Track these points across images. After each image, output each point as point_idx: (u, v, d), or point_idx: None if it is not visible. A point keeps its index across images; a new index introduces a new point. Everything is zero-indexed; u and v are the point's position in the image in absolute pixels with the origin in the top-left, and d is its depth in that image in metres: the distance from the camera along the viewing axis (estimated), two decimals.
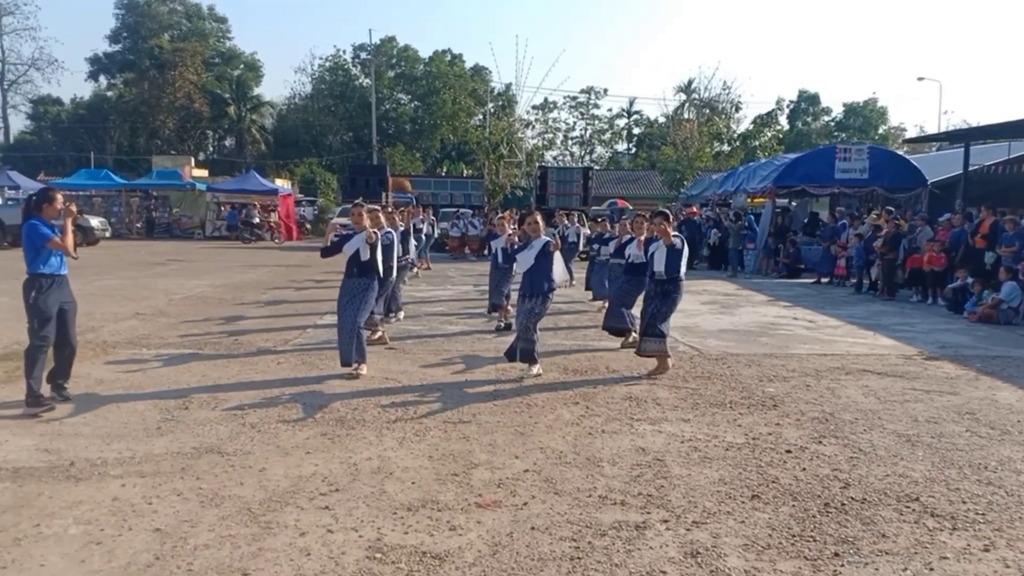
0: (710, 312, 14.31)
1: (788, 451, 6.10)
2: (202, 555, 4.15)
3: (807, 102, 73.21)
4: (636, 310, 9.87)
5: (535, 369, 8.54)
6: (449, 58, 67.65)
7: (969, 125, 41.37)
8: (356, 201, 9.32)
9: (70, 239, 7.00)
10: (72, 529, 4.46)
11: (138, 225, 37.24)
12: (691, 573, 4.03)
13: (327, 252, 8.69)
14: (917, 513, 4.86)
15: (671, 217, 8.98)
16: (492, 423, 6.74)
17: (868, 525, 4.66)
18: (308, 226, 43.01)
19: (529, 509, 4.84)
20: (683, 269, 8.60)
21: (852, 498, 5.09)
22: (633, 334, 10.15)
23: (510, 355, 8.59)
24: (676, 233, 8.73)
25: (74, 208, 7.31)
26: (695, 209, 28.64)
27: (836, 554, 4.26)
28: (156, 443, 6.04)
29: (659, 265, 8.57)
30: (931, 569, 4.12)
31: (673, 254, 8.52)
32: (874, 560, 4.21)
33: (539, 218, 8.91)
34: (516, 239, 10.63)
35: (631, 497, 5.06)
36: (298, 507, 4.81)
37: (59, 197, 7.06)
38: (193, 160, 49.26)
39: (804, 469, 5.68)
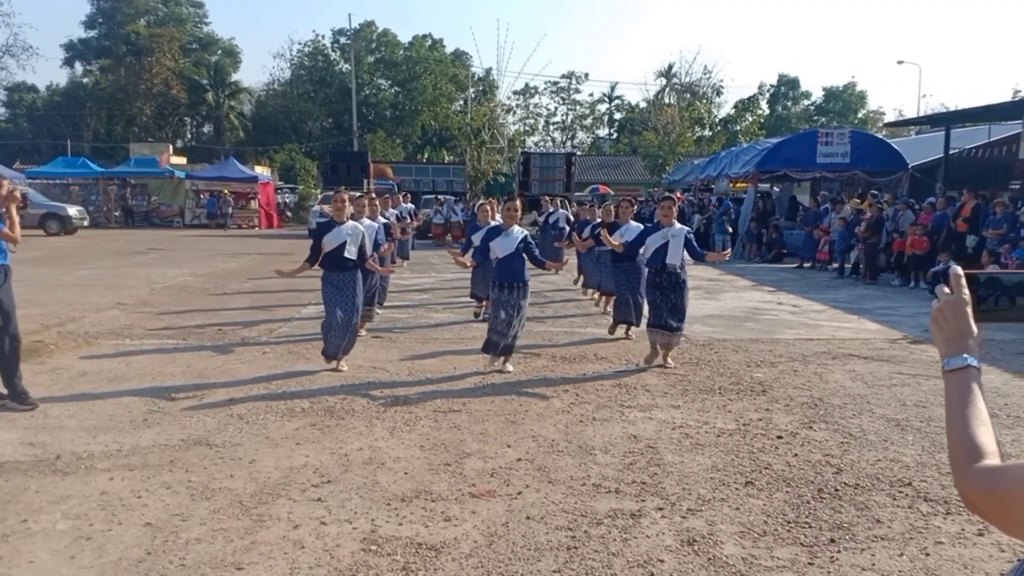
0: (695, 297, 14.22)
1: (779, 437, 6.11)
2: (194, 549, 4.09)
3: (787, 86, 73.43)
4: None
5: (510, 365, 8.31)
6: (429, 43, 67.30)
7: (947, 109, 41.63)
8: (338, 188, 8.89)
9: (17, 230, 6.56)
10: (60, 524, 4.39)
11: (116, 214, 36.84)
12: (688, 561, 4.02)
13: (312, 259, 8.29)
14: (910, 498, 4.88)
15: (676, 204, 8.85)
16: (482, 411, 6.71)
17: (862, 511, 4.67)
18: (289, 214, 42.71)
19: (524, 498, 4.82)
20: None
21: (845, 483, 5.10)
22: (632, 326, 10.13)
23: (491, 349, 8.24)
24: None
25: (18, 194, 6.78)
26: (679, 194, 28.63)
27: (832, 540, 4.27)
28: (143, 435, 5.97)
29: (675, 257, 8.30)
30: (927, 554, 4.13)
31: (689, 240, 8.43)
32: (870, 545, 4.22)
33: (518, 205, 8.60)
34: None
35: (625, 485, 5.05)
36: (290, 499, 4.77)
37: (3, 183, 6.57)
38: (171, 147, 48.78)
39: (796, 455, 5.68)
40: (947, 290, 1.51)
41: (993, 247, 13.97)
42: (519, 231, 8.28)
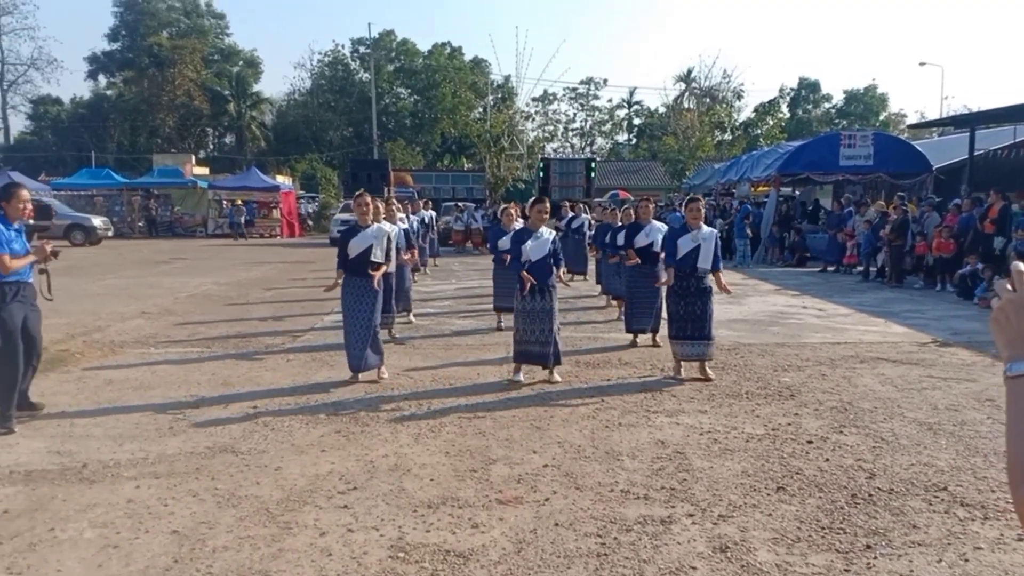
0: (719, 302, 14.04)
1: (809, 441, 6.02)
2: (221, 557, 4.07)
3: (808, 89, 72.93)
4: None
5: (557, 375, 8.07)
6: (448, 51, 67.44)
7: (969, 110, 41.23)
8: (360, 191, 8.55)
9: (18, 264, 6.21)
10: (88, 533, 4.38)
11: (140, 224, 37.13)
12: (721, 568, 3.95)
13: (341, 264, 8.01)
14: (946, 503, 4.78)
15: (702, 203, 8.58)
16: (507, 417, 6.66)
17: (898, 516, 4.58)
18: (310, 223, 42.88)
19: (551, 505, 4.76)
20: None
21: (879, 488, 5.01)
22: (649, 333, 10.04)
23: (525, 358, 7.94)
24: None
25: (48, 248, 6.53)
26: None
27: (868, 546, 4.18)
28: (169, 443, 5.97)
29: (706, 261, 8.04)
30: (966, 560, 4.04)
31: (718, 244, 8.20)
32: (907, 552, 4.13)
33: (548, 207, 8.36)
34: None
35: (654, 491, 4.98)
36: (316, 506, 4.74)
37: (22, 194, 6.35)
38: (194, 158, 49.13)
39: (827, 460, 5.59)
40: (1009, 287, 1.37)
41: (1021, 248, 13.75)
42: (549, 233, 8.10)
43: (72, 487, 5.08)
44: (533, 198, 8.97)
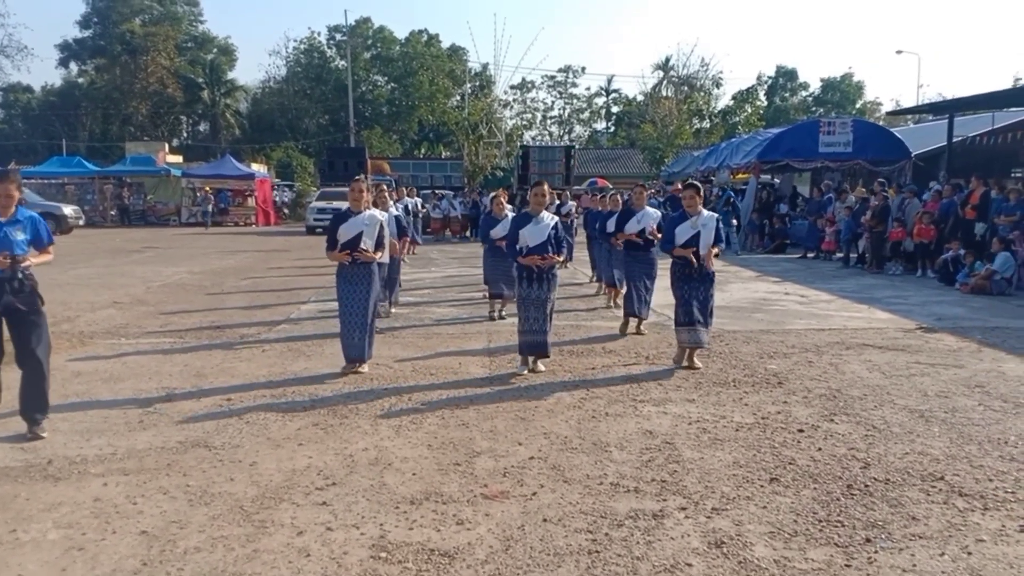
0: None
1: (800, 430, 5.88)
2: (193, 559, 3.86)
3: (785, 77, 73.10)
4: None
5: (542, 365, 7.85)
6: (425, 39, 66.93)
7: (943, 98, 41.37)
8: (357, 176, 8.26)
9: None
10: (52, 534, 4.15)
11: (112, 213, 36.54)
12: (718, 565, 3.79)
13: (331, 246, 7.66)
14: (944, 493, 4.65)
15: (702, 191, 8.18)
16: (490, 408, 6.48)
17: (896, 507, 4.44)
18: (286, 211, 42.41)
19: (539, 499, 4.58)
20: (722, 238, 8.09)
21: (875, 479, 4.87)
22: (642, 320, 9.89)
23: (531, 350, 7.69)
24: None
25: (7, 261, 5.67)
26: (679, 186, 28.36)
27: (867, 540, 4.04)
28: (139, 438, 5.73)
29: (707, 247, 7.76)
30: (968, 553, 3.90)
31: (718, 228, 7.88)
32: (908, 545, 3.98)
33: (546, 190, 8.01)
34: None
35: (644, 483, 4.82)
36: (294, 503, 4.53)
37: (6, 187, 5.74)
38: (167, 146, 48.43)
39: (820, 449, 5.45)
40: None
41: (1004, 234, 13.72)
42: (550, 218, 7.78)
43: (36, 485, 4.84)
44: (533, 183, 8.59)
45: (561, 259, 7.82)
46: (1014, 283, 13.13)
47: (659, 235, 9.48)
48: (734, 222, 22.79)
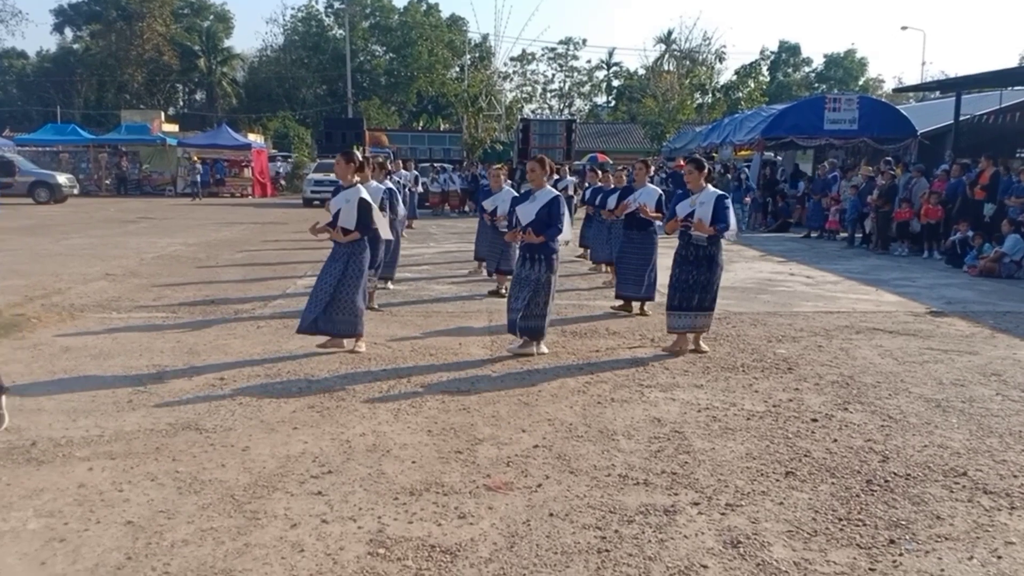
0: None
1: (814, 420, 5.67)
2: (180, 553, 3.64)
3: (788, 53, 72.55)
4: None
5: (538, 348, 7.47)
6: (425, 8, 66.16)
7: (946, 76, 40.98)
8: (347, 150, 7.90)
9: None
10: (32, 523, 3.93)
11: (107, 182, 36.15)
12: (735, 567, 3.58)
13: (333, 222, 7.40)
14: (968, 490, 4.44)
15: (704, 167, 7.74)
16: (492, 392, 6.26)
17: (919, 505, 4.24)
18: (283, 182, 42.04)
19: (544, 491, 4.37)
20: (732, 223, 7.51)
21: (895, 473, 4.66)
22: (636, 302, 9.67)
23: (511, 328, 7.48)
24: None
25: None
26: (682, 162, 28.02)
27: (891, 541, 3.83)
28: (127, 419, 5.51)
29: (706, 220, 7.32)
30: (999, 557, 3.70)
31: (721, 207, 7.33)
32: (934, 547, 3.78)
33: (537, 164, 7.56)
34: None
35: (654, 476, 4.61)
36: (288, 493, 4.31)
37: None
38: (163, 114, 47.90)
39: (835, 440, 5.24)
40: None
41: (1014, 216, 13.48)
42: (545, 195, 7.40)
43: (18, 469, 4.62)
44: (533, 158, 8.14)
45: (539, 238, 7.30)
46: (1023, 266, 12.90)
47: (652, 213, 9.27)
48: (747, 200, 22.41)
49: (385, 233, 8.21)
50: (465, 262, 13.96)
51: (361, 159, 7.94)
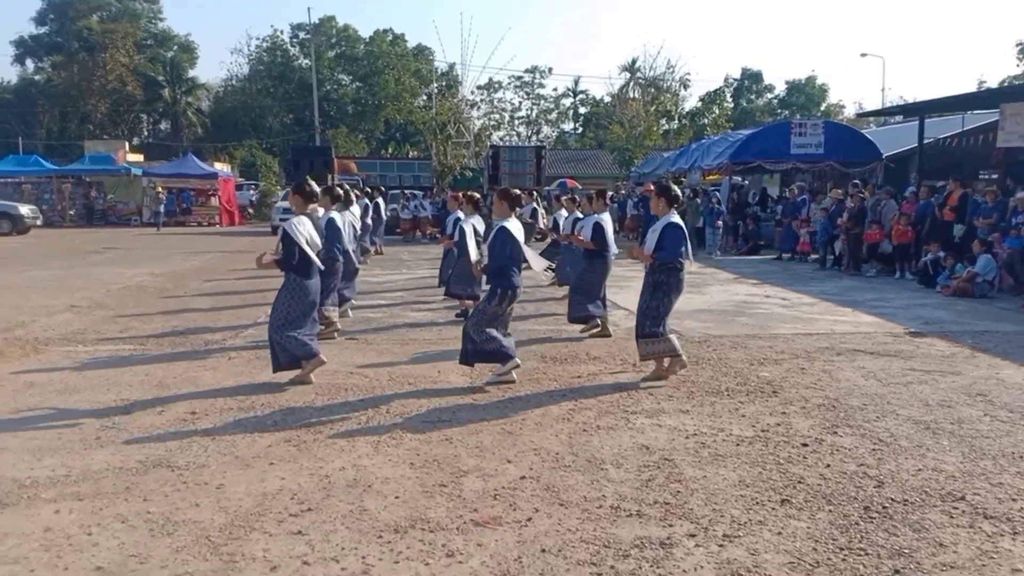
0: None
1: (804, 444, 5.56)
2: None
3: (750, 80, 73.48)
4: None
5: (499, 370, 7.28)
6: (391, 38, 66.31)
7: (905, 101, 41.63)
8: (298, 182, 7.75)
9: None
10: None
11: (71, 212, 35.57)
12: None
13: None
14: (969, 516, 4.34)
15: (672, 192, 7.60)
16: (475, 421, 6.09)
17: (920, 532, 4.12)
18: (251, 211, 41.63)
19: (535, 526, 4.20)
20: (682, 251, 7.23)
21: (892, 499, 4.55)
22: (597, 321, 9.58)
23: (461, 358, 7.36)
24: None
25: None
26: (650, 187, 28.08)
27: (896, 571, 3.70)
28: (95, 457, 5.27)
29: (648, 247, 7.31)
30: None
31: (672, 233, 7.17)
32: None
33: (498, 198, 7.49)
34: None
35: (647, 506, 4.46)
36: (266, 533, 4.11)
37: None
38: (127, 144, 47.36)
39: (828, 466, 5.13)
40: None
41: (983, 236, 13.59)
42: (496, 225, 7.31)
43: None
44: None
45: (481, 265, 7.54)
46: (996, 285, 12.99)
47: (582, 240, 9.53)
48: (719, 224, 22.37)
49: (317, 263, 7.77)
50: (439, 288, 13.78)
51: (316, 189, 7.75)
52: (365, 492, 4.66)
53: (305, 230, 7.10)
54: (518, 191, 7.88)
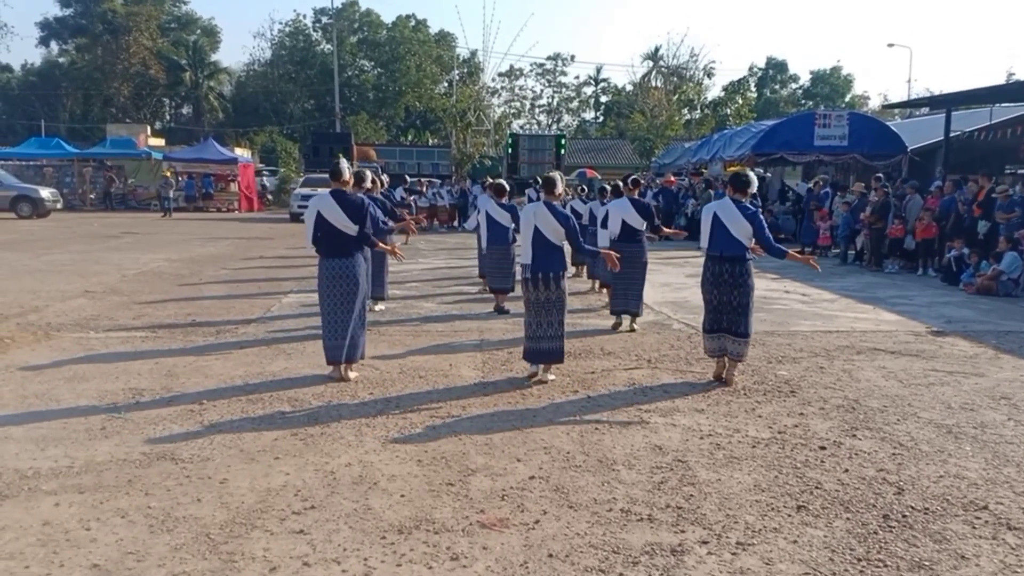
0: (697, 285, 13.59)
1: (822, 447, 5.41)
2: None
3: (775, 69, 72.79)
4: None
5: (551, 375, 7.14)
6: (413, 23, 66.09)
7: (932, 93, 41.04)
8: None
9: None
10: None
11: (91, 196, 35.71)
12: None
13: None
14: (992, 526, 4.19)
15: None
16: (485, 417, 5.98)
17: (941, 543, 3.98)
18: (270, 197, 41.68)
19: (542, 529, 4.09)
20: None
21: (912, 507, 4.41)
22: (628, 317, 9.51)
23: (534, 357, 7.04)
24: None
25: None
26: (671, 178, 27.88)
27: None
28: (99, 448, 5.21)
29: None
30: None
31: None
32: None
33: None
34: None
35: (659, 510, 4.33)
36: (267, 531, 4.02)
37: None
38: (149, 129, 47.47)
39: (846, 470, 4.98)
40: None
41: (1006, 233, 13.31)
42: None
43: None
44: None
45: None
46: (1021, 284, 12.72)
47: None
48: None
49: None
50: (455, 279, 13.72)
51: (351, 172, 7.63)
52: (371, 490, 4.57)
53: None
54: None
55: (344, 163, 7.17)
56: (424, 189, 27.44)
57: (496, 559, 3.77)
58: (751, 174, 7.17)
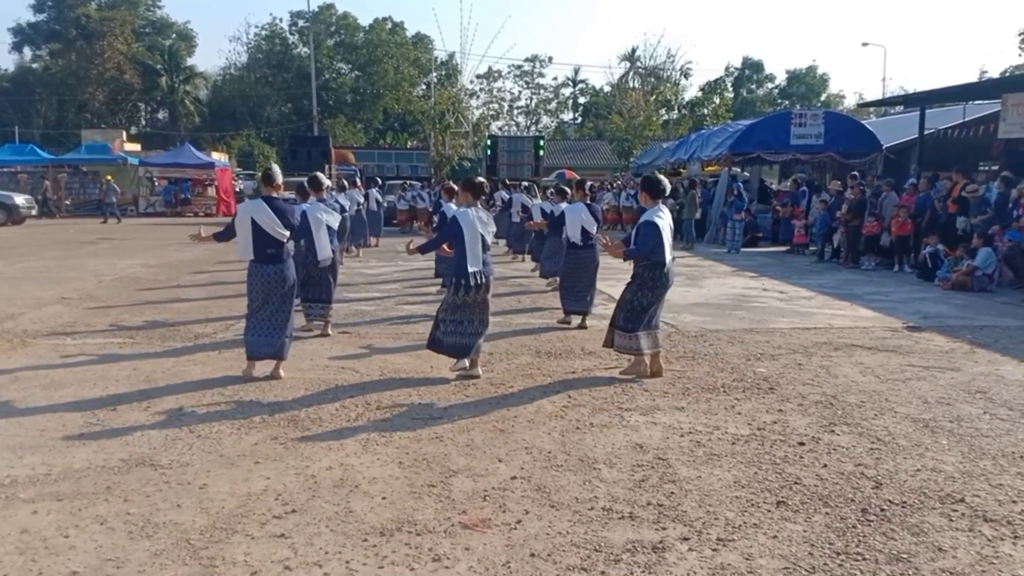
0: (677, 284, 13.60)
1: (801, 443, 5.45)
2: None
3: (751, 69, 73.28)
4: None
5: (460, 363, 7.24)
6: (390, 26, 66.01)
7: (906, 91, 41.41)
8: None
9: None
10: None
11: (67, 203, 35.37)
12: None
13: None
14: (968, 518, 4.23)
15: (657, 186, 7.42)
16: (466, 418, 5.98)
17: (918, 536, 4.02)
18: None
19: (524, 528, 4.10)
20: (655, 250, 6.88)
21: (890, 501, 4.45)
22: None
23: (461, 352, 7.19)
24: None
25: None
26: None
27: None
28: (77, 454, 5.16)
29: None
30: None
31: (645, 230, 6.90)
32: None
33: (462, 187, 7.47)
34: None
35: (640, 508, 4.35)
36: (248, 536, 4.01)
37: None
38: (124, 134, 47.11)
39: (825, 465, 5.02)
40: None
41: (982, 230, 13.46)
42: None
43: None
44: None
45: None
46: (995, 279, 12.87)
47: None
48: (741, 216, 21.77)
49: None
50: (435, 280, 13.70)
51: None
52: (352, 493, 4.56)
53: None
54: (482, 180, 7.77)
55: (276, 168, 7.33)
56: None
57: (478, 559, 3.77)
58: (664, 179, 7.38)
